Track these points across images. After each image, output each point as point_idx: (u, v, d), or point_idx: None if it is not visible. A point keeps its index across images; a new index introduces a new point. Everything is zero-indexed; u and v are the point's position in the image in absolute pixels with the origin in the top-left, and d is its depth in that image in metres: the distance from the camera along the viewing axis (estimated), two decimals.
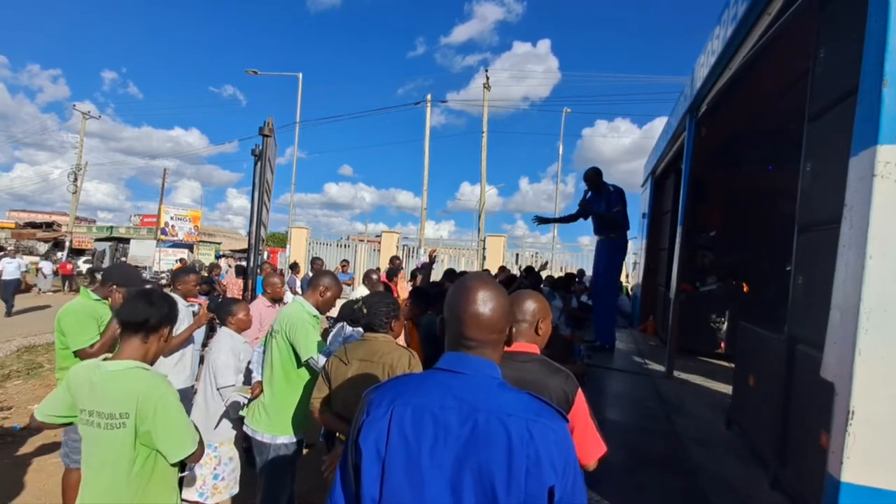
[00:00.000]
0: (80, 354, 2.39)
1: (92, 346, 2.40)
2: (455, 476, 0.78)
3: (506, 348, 1.42)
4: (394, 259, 7.67)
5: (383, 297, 2.01)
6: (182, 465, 1.69)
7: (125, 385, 1.52)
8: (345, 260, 9.45)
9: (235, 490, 2.62)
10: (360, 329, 2.38)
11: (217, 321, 2.88)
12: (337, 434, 1.94)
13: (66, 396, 1.58)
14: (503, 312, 0.94)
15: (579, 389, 1.39)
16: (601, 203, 6.11)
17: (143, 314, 1.59)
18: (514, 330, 1.46)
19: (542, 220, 6.72)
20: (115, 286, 2.57)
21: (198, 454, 1.58)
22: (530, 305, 1.49)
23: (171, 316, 1.70)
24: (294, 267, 8.93)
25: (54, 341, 2.56)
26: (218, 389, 2.54)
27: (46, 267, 15.76)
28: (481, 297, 0.92)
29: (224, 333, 2.70)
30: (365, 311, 1.94)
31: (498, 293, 0.95)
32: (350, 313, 1.97)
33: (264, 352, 2.49)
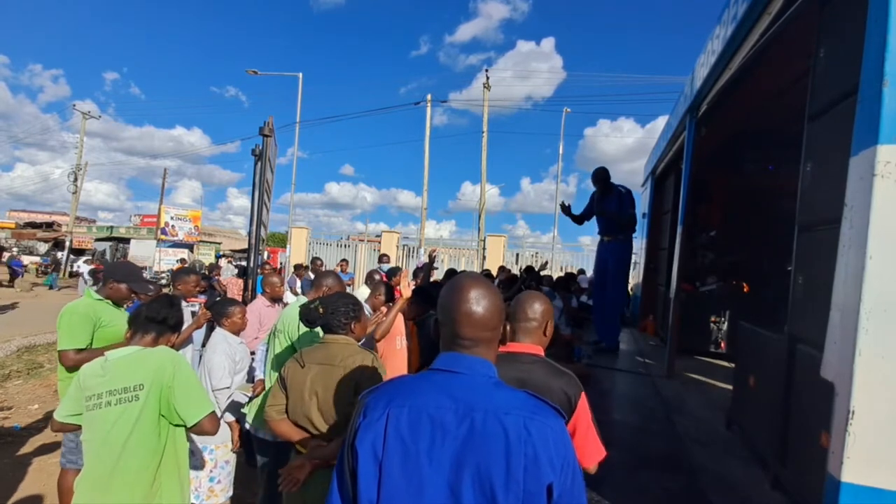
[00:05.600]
0: (61, 356, 2.36)
1: (77, 351, 2.36)
2: (453, 476, 0.77)
3: (511, 348, 1.43)
4: (382, 257, 7.66)
5: (343, 297, 1.91)
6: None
7: (139, 362, 1.66)
8: (344, 259, 9.43)
9: (230, 492, 2.62)
10: None
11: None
12: (297, 446, 1.73)
13: (78, 392, 1.64)
14: (496, 310, 0.95)
15: (583, 393, 1.39)
16: (612, 203, 5.97)
17: (164, 313, 1.80)
18: (516, 328, 1.47)
19: (567, 210, 6.30)
20: (114, 283, 2.58)
21: (213, 424, 1.69)
22: (540, 306, 1.49)
23: (180, 325, 1.92)
24: (298, 268, 8.87)
25: (56, 341, 2.55)
26: (213, 391, 2.54)
27: (85, 269, 15.37)
28: (473, 296, 0.93)
29: (218, 335, 2.69)
30: (321, 311, 1.81)
31: (490, 291, 0.95)
32: (307, 313, 1.83)
33: (267, 351, 2.49)
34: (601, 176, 6.06)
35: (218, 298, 4.13)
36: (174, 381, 1.64)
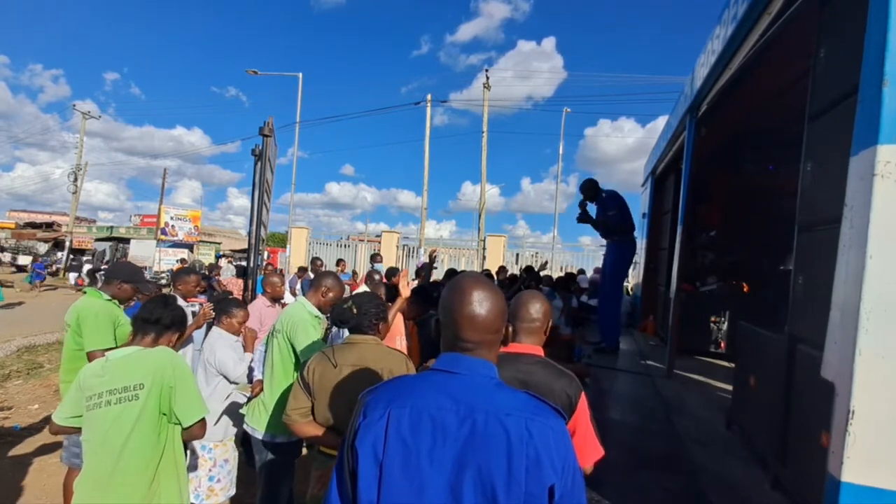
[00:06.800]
0: (90, 357, 2.36)
1: (104, 351, 2.34)
2: (455, 477, 0.77)
3: (512, 349, 1.43)
4: (375, 256, 7.67)
5: (372, 298, 1.92)
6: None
7: (138, 362, 1.67)
8: (341, 259, 9.34)
9: (232, 492, 2.61)
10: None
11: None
12: (320, 448, 1.72)
13: (78, 394, 1.64)
14: (499, 312, 0.93)
15: (583, 393, 1.40)
16: (599, 211, 6.24)
17: (157, 314, 1.80)
18: (518, 329, 1.47)
19: (583, 216, 6.38)
20: (121, 283, 2.58)
21: (202, 429, 1.71)
22: (542, 306, 1.49)
23: (181, 323, 1.91)
24: (302, 270, 8.83)
25: (62, 340, 2.55)
26: (232, 383, 2.57)
27: (72, 275, 15.58)
28: (476, 298, 0.91)
29: (215, 332, 2.69)
30: (355, 311, 1.82)
31: (493, 293, 0.93)
32: (340, 313, 1.86)
33: (265, 351, 2.49)
34: (583, 188, 6.28)
35: (229, 297, 4.13)
36: (175, 381, 1.65)
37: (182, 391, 1.66)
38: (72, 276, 17.19)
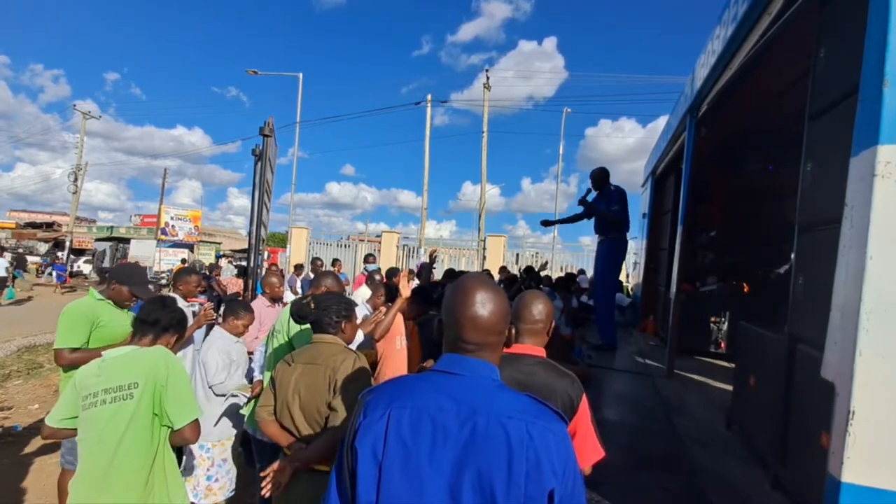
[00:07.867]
0: (56, 355, 2.34)
1: (71, 350, 2.33)
2: (454, 479, 0.77)
3: (514, 350, 1.42)
4: (368, 257, 7.74)
5: (336, 297, 1.91)
6: (178, 458, 1.77)
7: (134, 361, 1.66)
8: (336, 259, 9.25)
9: (231, 492, 2.62)
10: None
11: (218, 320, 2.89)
12: (284, 449, 1.70)
13: (74, 394, 1.63)
14: (502, 314, 0.92)
15: (584, 394, 1.39)
16: (602, 203, 6.17)
17: (155, 315, 1.79)
18: (521, 329, 1.46)
19: (548, 223, 7.26)
20: (117, 283, 2.58)
21: (195, 432, 1.68)
22: (545, 307, 1.48)
23: (179, 324, 1.88)
24: (298, 268, 8.84)
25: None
26: (210, 387, 2.55)
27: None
28: (479, 299, 0.90)
29: (216, 332, 2.70)
30: (313, 307, 1.81)
31: (496, 294, 0.93)
32: (298, 308, 1.84)
33: (266, 351, 2.49)
34: (598, 176, 6.24)
35: (239, 299, 4.13)
36: (168, 380, 1.64)
37: (174, 390, 1.64)
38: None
